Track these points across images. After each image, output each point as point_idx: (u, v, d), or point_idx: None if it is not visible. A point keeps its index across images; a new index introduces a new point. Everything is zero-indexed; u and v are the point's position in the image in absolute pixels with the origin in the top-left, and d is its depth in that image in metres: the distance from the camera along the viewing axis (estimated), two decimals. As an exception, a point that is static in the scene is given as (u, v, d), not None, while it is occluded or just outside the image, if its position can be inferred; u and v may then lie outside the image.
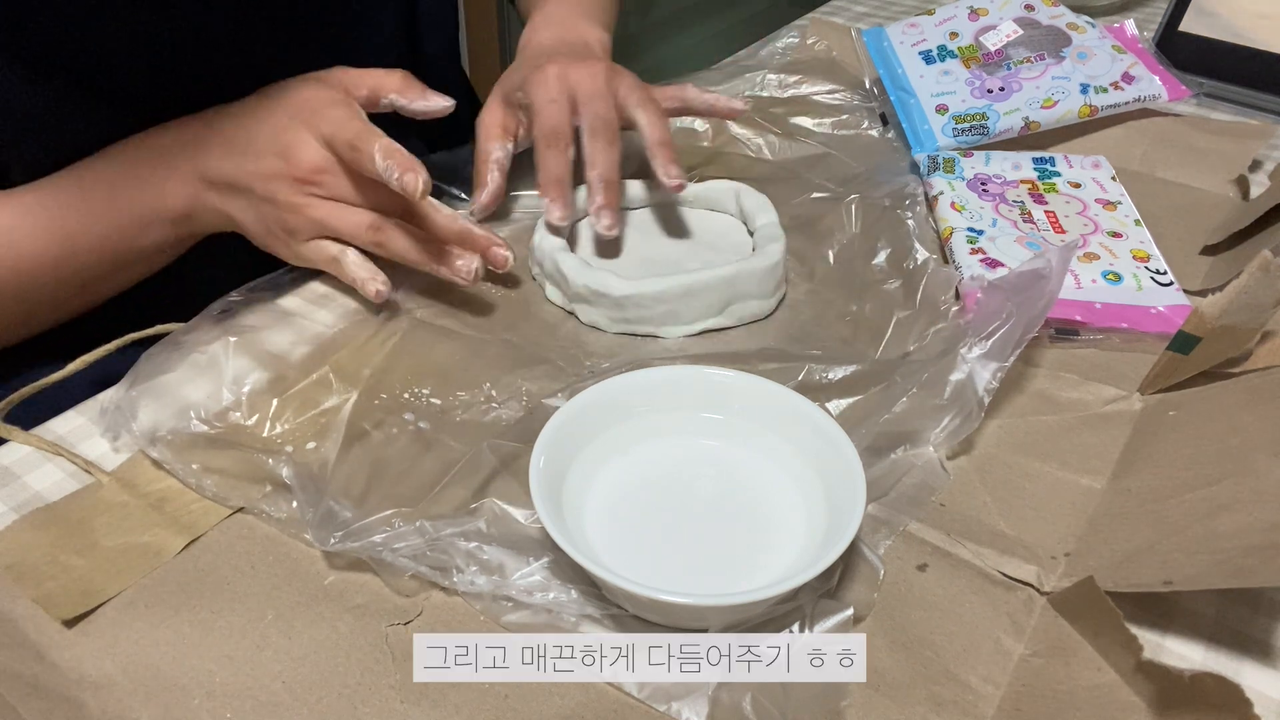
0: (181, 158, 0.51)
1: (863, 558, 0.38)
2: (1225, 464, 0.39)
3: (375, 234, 0.50)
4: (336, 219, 0.50)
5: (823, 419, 0.40)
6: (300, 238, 0.51)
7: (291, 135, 0.49)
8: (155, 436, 0.43)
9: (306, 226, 0.50)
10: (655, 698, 0.34)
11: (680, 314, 0.50)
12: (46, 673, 0.34)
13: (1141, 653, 0.32)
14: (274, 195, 0.50)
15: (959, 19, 0.75)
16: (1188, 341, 0.44)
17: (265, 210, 0.51)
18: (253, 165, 0.50)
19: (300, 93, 0.51)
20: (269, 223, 0.51)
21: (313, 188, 0.50)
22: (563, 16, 0.66)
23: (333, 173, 0.50)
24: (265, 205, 0.50)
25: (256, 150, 0.50)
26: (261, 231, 0.52)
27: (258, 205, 0.51)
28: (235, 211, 0.51)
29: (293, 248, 0.52)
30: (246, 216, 0.51)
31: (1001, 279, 0.46)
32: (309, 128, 0.49)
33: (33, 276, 0.50)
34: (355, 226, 0.51)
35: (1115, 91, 0.68)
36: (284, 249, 0.52)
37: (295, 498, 0.39)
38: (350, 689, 0.34)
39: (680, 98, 0.61)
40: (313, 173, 0.49)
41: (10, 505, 0.41)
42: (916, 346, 0.47)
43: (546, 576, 0.37)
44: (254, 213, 0.51)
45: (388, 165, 0.47)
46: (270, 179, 0.49)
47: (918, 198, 0.60)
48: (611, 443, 0.41)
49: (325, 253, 0.51)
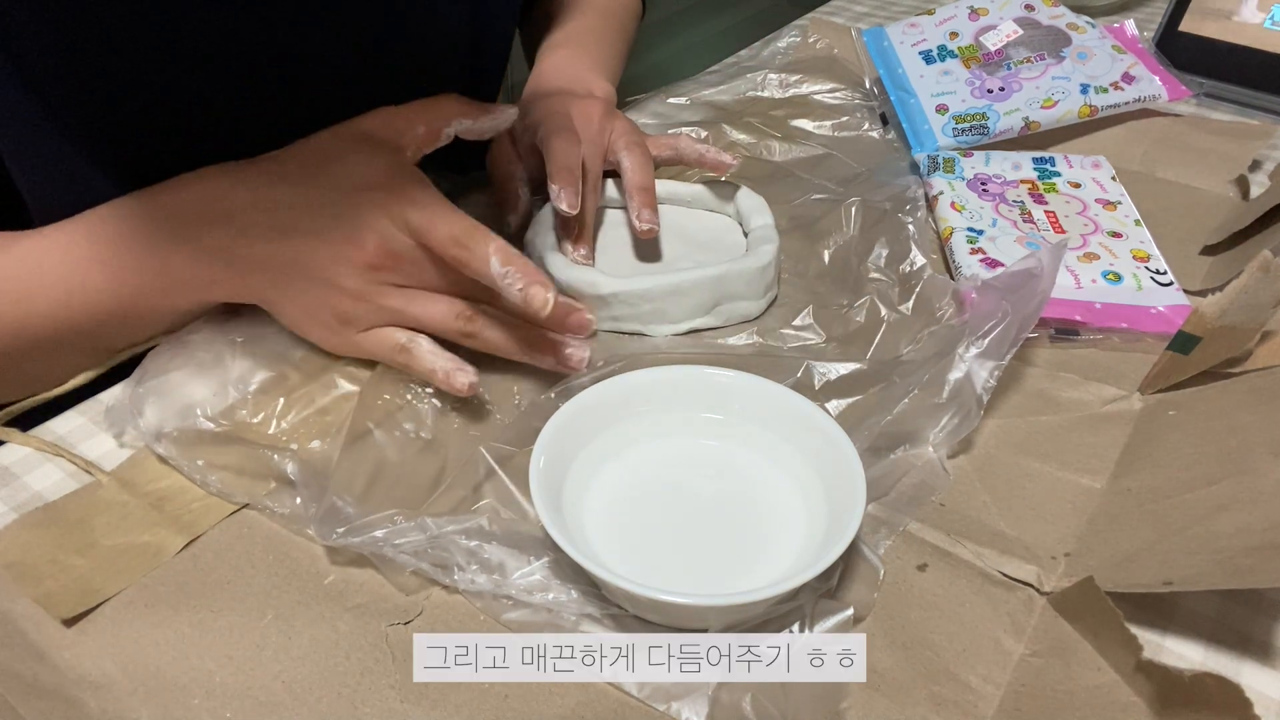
0: (205, 228, 0.44)
1: (863, 558, 0.38)
2: (1225, 464, 0.39)
3: (467, 324, 0.45)
4: (418, 308, 0.45)
5: (823, 419, 0.40)
6: (359, 326, 0.45)
7: (362, 220, 0.43)
8: (161, 433, 0.43)
9: (370, 316, 0.45)
10: (655, 698, 0.34)
11: (667, 313, 0.50)
12: (46, 672, 0.35)
13: (1141, 653, 0.32)
14: (335, 280, 0.44)
15: (959, 19, 0.75)
16: (1188, 341, 0.44)
17: (317, 296, 0.44)
18: (306, 248, 0.44)
19: (358, 166, 0.45)
20: (319, 310, 0.45)
21: (386, 274, 0.44)
22: (570, 66, 0.66)
23: (411, 260, 0.44)
24: (318, 290, 0.44)
25: (313, 232, 0.44)
26: (302, 318, 0.46)
27: (308, 291, 0.44)
28: (271, 291, 0.45)
29: (345, 336, 0.45)
30: (286, 301, 0.45)
31: (995, 279, 0.46)
32: (383, 212, 0.43)
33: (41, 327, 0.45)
34: (442, 316, 0.45)
35: (1115, 91, 0.68)
36: (331, 337, 0.46)
37: (299, 494, 0.39)
38: (350, 689, 0.34)
39: (673, 146, 0.59)
40: (388, 259, 0.43)
41: (10, 505, 0.41)
42: (910, 349, 0.47)
43: (547, 576, 0.37)
44: (302, 298, 0.45)
45: (508, 273, 0.42)
46: (331, 264, 0.43)
47: (919, 202, 0.60)
48: (611, 443, 0.41)
49: (389, 341, 0.45)
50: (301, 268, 0.44)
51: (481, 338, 0.45)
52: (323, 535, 0.37)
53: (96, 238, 0.44)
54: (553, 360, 0.46)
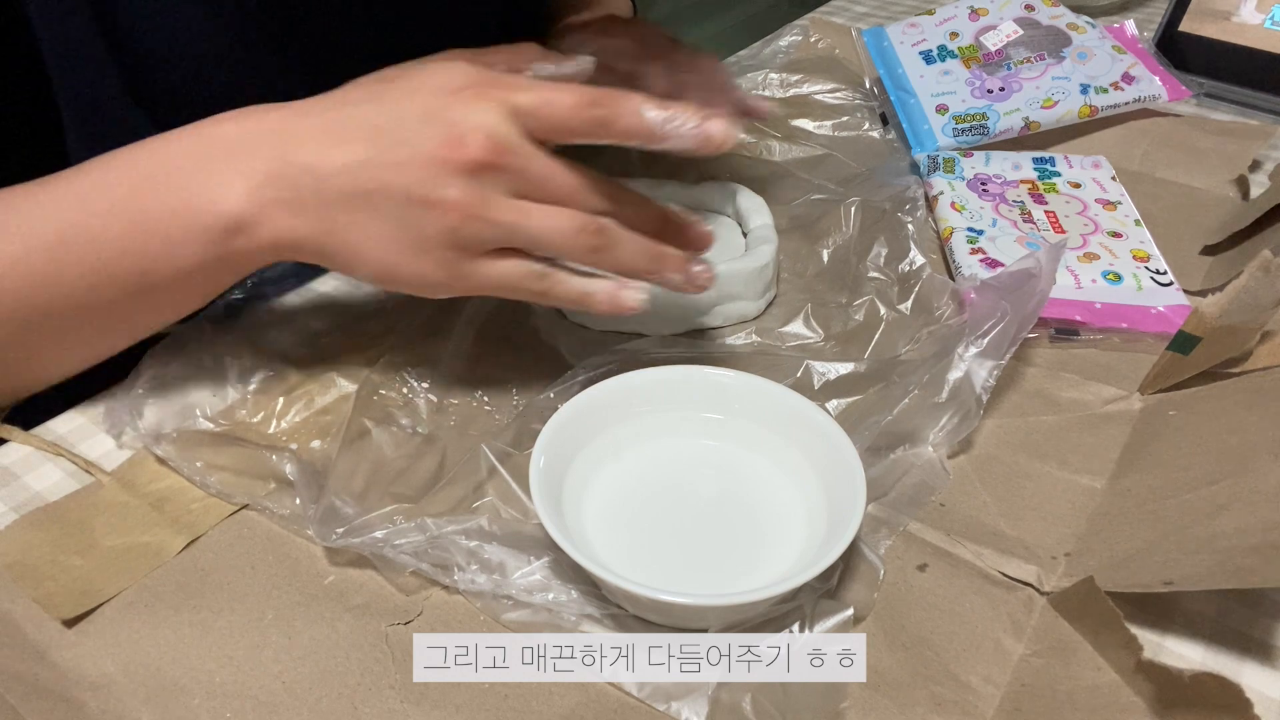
0: (249, 150, 0.37)
1: (863, 558, 0.38)
2: (1225, 464, 0.39)
3: (595, 237, 0.38)
4: (536, 222, 0.37)
5: (823, 419, 0.40)
6: (472, 252, 0.38)
7: (459, 115, 0.36)
8: (160, 434, 0.43)
9: (483, 234, 0.37)
10: (655, 698, 0.34)
11: (665, 313, 0.50)
12: (46, 673, 0.35)
13: (1141, 653, 0.32)
14: (436, 194, 0.36)
15: (959, 19, 0.75)
16: (1188, 341, 0.44)
17: (416, 219, 0.37)
18: (395, 165, 0.36)
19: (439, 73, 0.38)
20: (422, 237, 0.37)
21: (495, 178, 0.36)
22: None
23: (524, 157, 0.37)
24: (416, 215, 0.36)
25: (401, 143, 0.37)
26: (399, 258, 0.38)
27: (401, 212, 0.37)
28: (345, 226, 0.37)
29: (458, 269, 0.38)
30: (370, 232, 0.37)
31: (994, 278, 0.46)
32: (485, 102, 0.36)
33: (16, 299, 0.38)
34: (566, 229, 0.37)
35: (1115, 91, 0.68)
36: (440, 274, 0.38)
37: (298, 494, 0.39)
38: (350, 689, 0.34)
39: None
40: (496, 155, 0.36)
41: (10, 505, 0.41)
42: (908, 349, 0.47)
43: (547, 576, 0.37)
44: (391, 225, 0.37)
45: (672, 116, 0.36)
46: (430, 176, 0.36)
47: (918, 201, 0.60)
48: (611, 443, 0.41)
49: (520, 269, 0.38)
50: (392, 192, 0.36)
51: (611, 253, 0.38)
52: (322, 537, 0.37)
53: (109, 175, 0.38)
54: (681, 278, 0.40)
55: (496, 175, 0.37)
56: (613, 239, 0.38)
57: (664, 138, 0.37)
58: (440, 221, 0.37)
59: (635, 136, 0.37)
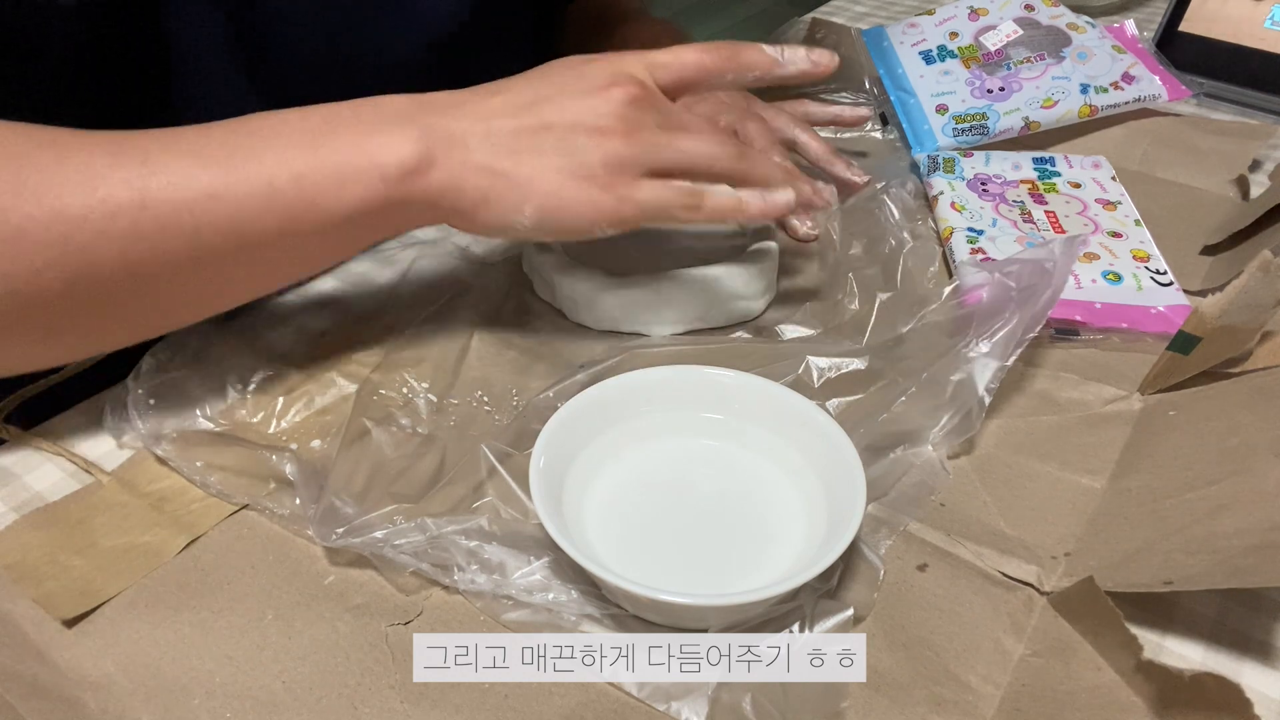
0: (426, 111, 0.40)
1: (863, 558, 0.38)
2: (1225, 464, 0.39)
3: (740, 148, 0.43)
4: (687, 142, 0.42)
5: (823, 418, 0.40)
6: (632, 173, 0.41)
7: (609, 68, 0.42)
8: (160, 434, 0.43)
9: (643, 154, 0.41)
10: (655, 698, 0.34)
11: (666, 313, 0.50)
12: (46, 673, 0.34)
13: (1141, 653, 0.32)
14: (599, 122, 0.40)
15: (959, 19, 0.75)
16: (1188, 341, 0.44)
17: (580, 145, 0.40)
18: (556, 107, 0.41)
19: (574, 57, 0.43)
20: (585, 161, 0.40)
21: (647, 108, 0.41)
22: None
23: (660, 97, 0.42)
24: (581, 139, 0.40)
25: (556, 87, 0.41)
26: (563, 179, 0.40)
27: (565, 141, 0.40)
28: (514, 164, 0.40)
29: (618, 190, 0.41)
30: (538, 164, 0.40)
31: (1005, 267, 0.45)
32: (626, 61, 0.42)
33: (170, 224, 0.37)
34: (714, 145, 0.42)
35: (1115, 91, 0.68)
36: (605, 197, 0.40)
37: (298, 494, 0.39)
38: (350, 689, 0.34)
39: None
40: (643, 90, 0.41)
41: (10, 505, 0.41)
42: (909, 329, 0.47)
43: (547, 576, 0.37)
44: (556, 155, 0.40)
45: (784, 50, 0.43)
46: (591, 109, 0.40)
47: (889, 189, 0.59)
48: (611, 443, 0.41)
49: (673, 188, 0.42)
50: (557, 127, 0.40)
51: (752, 162, 0.44)
52: (322, 537, 0.37)
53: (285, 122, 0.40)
54: (810, 190, 0.46)
55: (646, 109, 0.41)
56: (752, 152, 0.44)
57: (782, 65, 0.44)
58: (604, 145, 0.40)
59: (757, 67, 0.43)
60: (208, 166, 0.37)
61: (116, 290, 0.38)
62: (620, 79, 0.41)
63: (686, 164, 0.42)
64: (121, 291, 0.38)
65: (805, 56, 0.44)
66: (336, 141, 0.39)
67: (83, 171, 0.36)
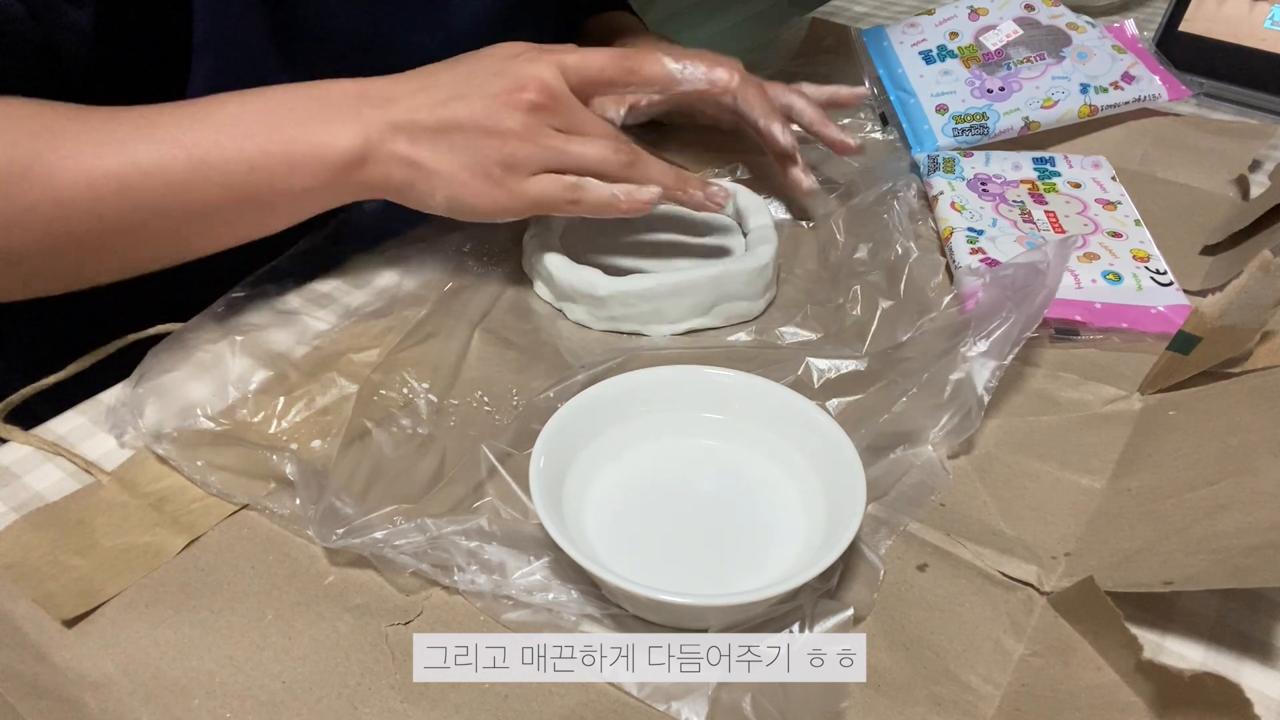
0: (364, 104, 0.46)
1: (863, 558, 0.38)
2: (1225, 464, 0.39)
3: (629, 154, 0.48)
4: (579, 146, 0.47)
5: (822, 418, 0.40)
6: (524, 172, 0.47)
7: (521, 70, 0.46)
8: (160, 434, 0.43)
9: (535, 156, 0.47)
10: (655, 698, 0.34)
11: (666, 313, 0.50)
12: (46, 673, 0.34)
13: (1141, 653, 0.32)
14: (499, 125, 0.46)
15: (959, 19, 0.75)
16: (1188, 341, 0.44)
17: (482, 145, 0.46)
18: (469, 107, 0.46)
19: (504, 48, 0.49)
20: (485, 160, 0.46)
21: (547, 115, 0.47)
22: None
23: (566, 101, 0.47)
24: (483, 140, 0.46)
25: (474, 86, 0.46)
26: (463, 175, 0.47)
27: (471, 141, 0.46)
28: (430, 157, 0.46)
29: (509, 186, 0.47)
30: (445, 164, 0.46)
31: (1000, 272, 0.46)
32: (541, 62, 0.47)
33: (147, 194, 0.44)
34: (603, 150, 0.47)
35: (1115, 91, 0.68)
36: (495, 190, 0.47)
37: (298, 494, 0.39)
38: (350, 689, 0.34)
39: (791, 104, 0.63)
40: (549, 99, 0.46)
41: (10, 505, 0.41)
42: (909, 337, 0.47)
43: (547, 576, 0.37)
44: (463, 153, 0.46)
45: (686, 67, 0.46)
46: (496, 111, 0.46)
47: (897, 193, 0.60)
48: (611, 443, 0.41)
49: (558, 183, 0.47)
50: (465, 124, 0.46)
51: (641, 169, 0.48)
52: (322, 538, 0.37)
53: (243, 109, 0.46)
54: (701, 196, 0.50)
55: (547, 114, 0.46)
56: (642, 158, 0.48)
57: (680, 82, 0.48)
58: (501, 147, 0.46)
59: (656, 81, 0.48)
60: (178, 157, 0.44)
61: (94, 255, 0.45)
62: (529, 83, 0.46)
63: (576, 167, 0.47)
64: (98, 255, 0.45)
65: (704, 76, 0.48)
66: (285, 134, 0.45)
67: (75, 159, 0.42)
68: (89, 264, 0.46)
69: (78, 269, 0.46)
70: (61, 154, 0.42)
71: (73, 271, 0.46)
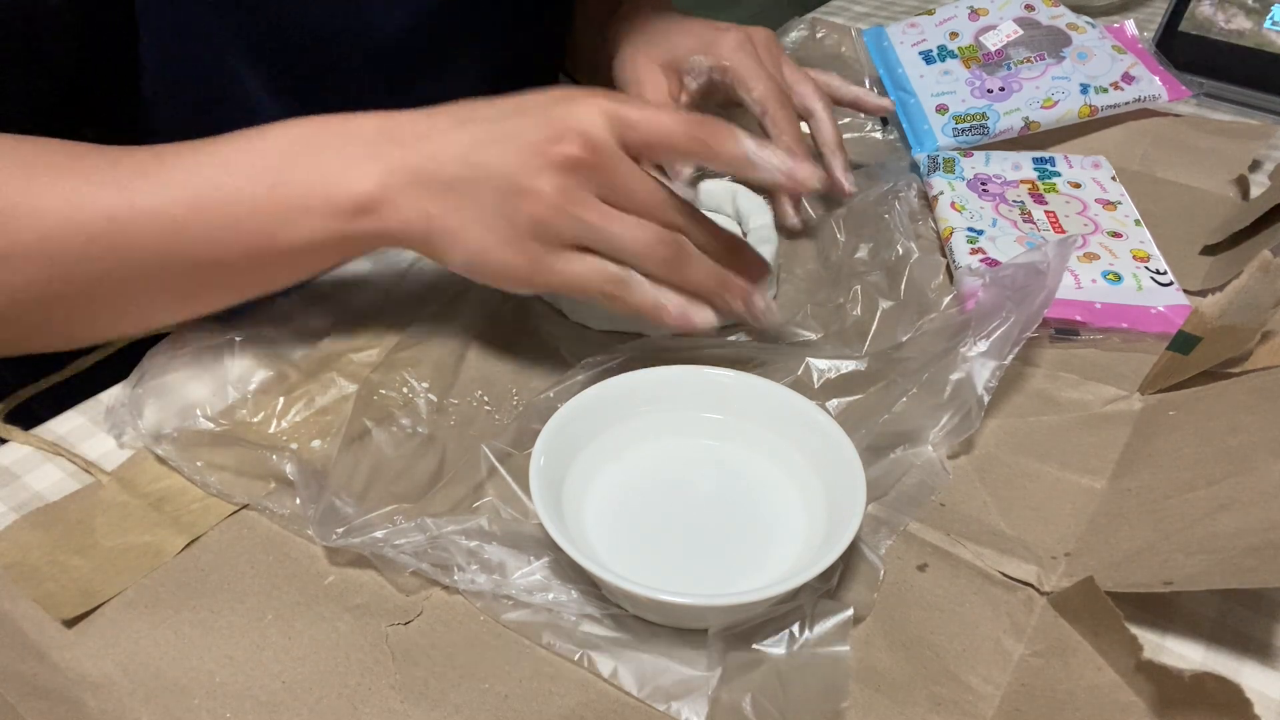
0: (388, 140, 0.40)
1: (863, 558, 0.38)
2: (1225, 464, 0.39)
3: (671, 250, 0.40)
4: (618, 227, 0.39)
5: (823, 418, 0.40)
6: (553, 244, 0.40)
7: (566, 115, 0.39)
8: (160, 434, 0.43)
9: (566, 229, 0.39)
10: (655, 698, 0.34)
11: None
12: (46, 673, 0.35)
13: (1141, 653, 0.32)
14: (529, 184, 0.38)
15: (959, 19, 0.75)
16: (1188, 341, 0.44)
17: (507, 205, 0.39)
18: (500, 153, 0.39)
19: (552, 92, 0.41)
20: (510, 223, 0.39)
21: (586, 178, 0.39)
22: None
23: (614, 166, 0.39)
24: (510, 201, 0.39)
25: (510, 130, 0.39)
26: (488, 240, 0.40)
27: (498, 198, 0.39)
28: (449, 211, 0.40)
29: (538, 257, 0.40)
30: (469, 224, 0.40)
31: (1000, 272, 0.46)
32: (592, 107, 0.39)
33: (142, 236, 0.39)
34: (646, 238, 0.40)
35: (1115, 91, 0.68)
36: (521, 260, 0.40)
37: (298, 494, 0.39)
38: (350, 689, 0.34)
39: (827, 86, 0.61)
40: (591, 155, 0.38)
41: (10, 505, 0.41)
42: (909, 338, 0.47)
43: (547, 576, 0.37)
44: (487, 211, 0.39)
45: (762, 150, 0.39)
46: (528, 164, 0.38)
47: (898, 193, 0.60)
48: (611, 443, 0.41)
49: (599, 270, 0.40)
50: (493, 176, 0.39)
51: (682, 270, 0.41)
52: (322, 537, 0.37)
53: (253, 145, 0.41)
54: (741, 305, 0.43)
55: (587, 175, 0.39)
56: (686, 256, 0.41)
57: (755, 168, 0.40)
58: (530, 210, 0.39)
59: (732, 164, 0.40)
60: (178, 198, 0.40)
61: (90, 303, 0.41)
62: (568, 134, 0.38)
63: (613, 252, 0.40)
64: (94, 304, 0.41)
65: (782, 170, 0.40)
66: (296, 174, 0.40)
67: (67, 198, 0.39)
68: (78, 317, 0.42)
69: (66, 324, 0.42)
70: (55, 191, 0.39)
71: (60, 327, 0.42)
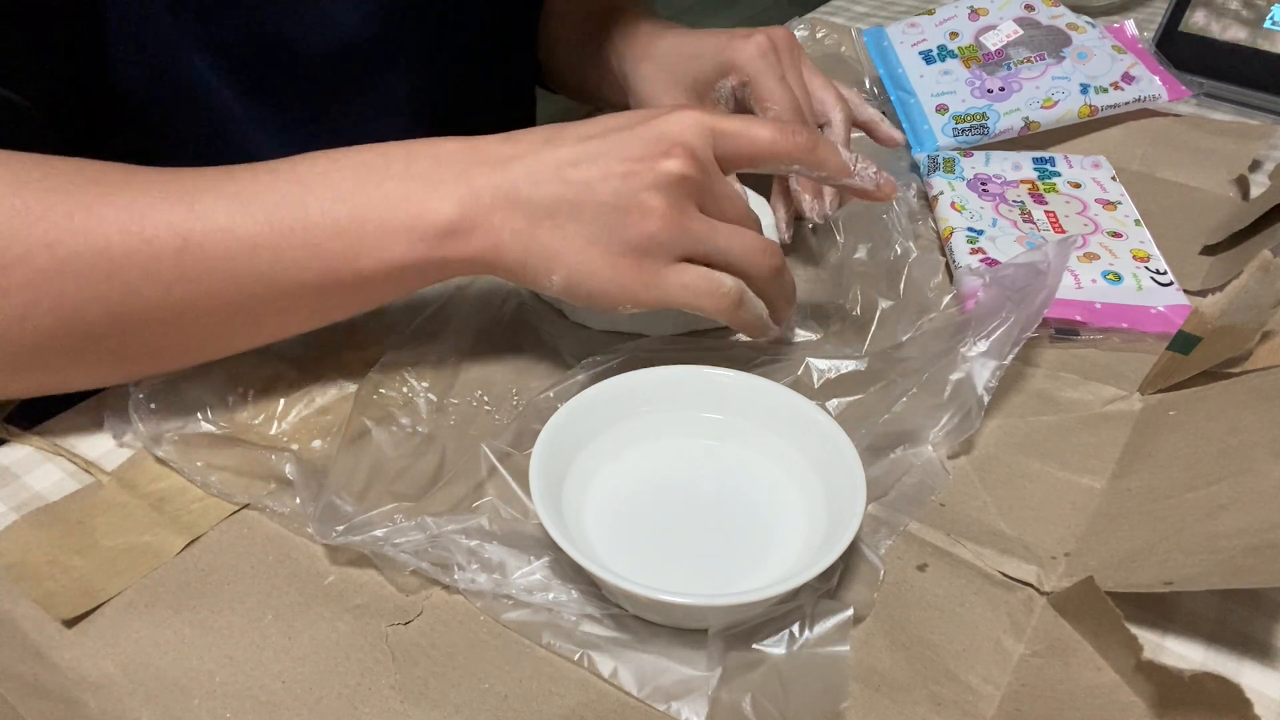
0: (473, 164, 0.39)
1: (863, 558, 0.38)
2: (1225, 464, 0.39)
3: (777, 259, 0.41)
4: (724, 237, 0.40)
5: (822, 418, 0.40)
6: (664, 258, 0.39)
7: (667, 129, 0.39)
8: (160, 435, 0.43)
9: (676, 241, 0.39)
10: (655, 698, 0.34)
11: (666, 314, 0.50)
12: (46, 673, 0.35)
13: (1141, 653, 0.32)
14: (637, 198, 0.38)
15: (959, 19, 0.75)
16: (1188, 341, 0.44)
17: (615, 222, 0.38)
18: (601, 170, 0.39)
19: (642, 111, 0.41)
20: (618, 240, 0.39)
21: (691, 190, 0.39)
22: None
23: (711, 174, 0.40)
24: (617, 216, 0.38)
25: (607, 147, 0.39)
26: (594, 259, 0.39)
27: (603, 216, 0.38)
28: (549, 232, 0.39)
29: (649, 272, 0.39)
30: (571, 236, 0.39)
31: (1000, 272, 0.46)
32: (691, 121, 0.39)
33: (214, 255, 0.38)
34: (752, 247, 0.40)
35: (1115, 91, 0.68)
36: (630, 279, 0.39)
37: (298, 494, 0.39)
38: (350, 689, 0.34)
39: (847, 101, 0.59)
40: (695, 169, 0.39)
41: (10, 505, 0.41)
42: (909, 338, 0.47)
43: (547, 576, 0.37)
44: (591, 229, 0.39)
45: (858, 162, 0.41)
46: (633, 179, 0.38)
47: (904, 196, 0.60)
48: (611, 442, 0.41)
49: (713, 282, 0.40)
50: (596, 194, 0.38)
51: (780, 279, 0.42)
52: (322, 534, 0.37)
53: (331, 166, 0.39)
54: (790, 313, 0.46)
55: (691, 188, 0.39)
56: (785, 265, 0.43)
57: (850, 176, 0.41)
58: (641, 225, 0.38)
59: (834, 173, 0.41)
60: (253, 215, 0.38)
61: (156, 326, 0.39)
62: (674, 149, 0.38)
63: (721, 262, 0.40)
64: (160, 326, 0.39)
65: (874, 177, 0.42)
66: (381, 195, 0.39)
67: (129, 210, 0.37)
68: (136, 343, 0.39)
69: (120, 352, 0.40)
70: (115, 204, 0.36)
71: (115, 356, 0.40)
